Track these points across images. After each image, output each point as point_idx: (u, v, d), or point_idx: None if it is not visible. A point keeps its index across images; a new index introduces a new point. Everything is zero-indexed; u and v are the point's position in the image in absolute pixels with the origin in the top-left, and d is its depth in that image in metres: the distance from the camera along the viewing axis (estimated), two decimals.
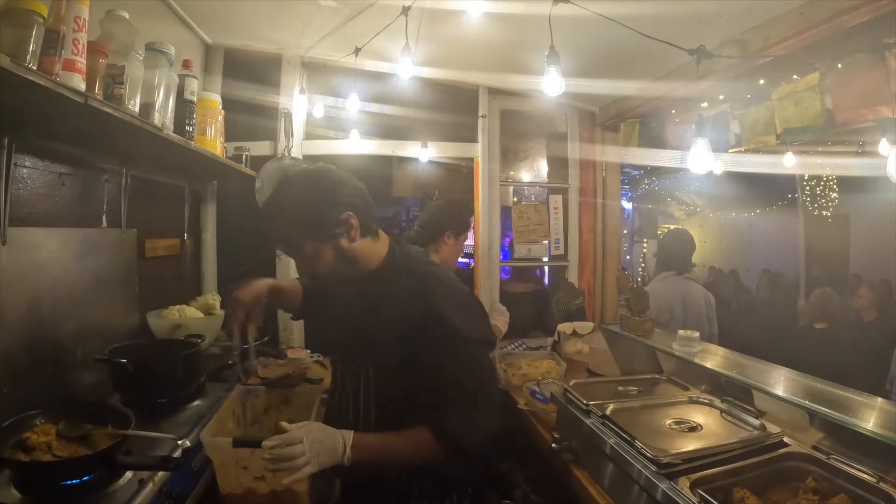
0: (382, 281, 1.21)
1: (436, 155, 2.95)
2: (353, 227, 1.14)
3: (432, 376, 1.11)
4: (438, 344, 1.11)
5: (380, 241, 1.23)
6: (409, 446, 1.10)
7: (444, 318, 1.11)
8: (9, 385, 1.26)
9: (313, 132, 2.85)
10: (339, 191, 1.14)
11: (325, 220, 1.12)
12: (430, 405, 1.11)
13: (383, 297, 1.19)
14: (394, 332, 1.14)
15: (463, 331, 1.12)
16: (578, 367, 2.35)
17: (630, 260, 8.05)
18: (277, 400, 1.58)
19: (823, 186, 6.04)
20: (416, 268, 1.23)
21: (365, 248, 1.19)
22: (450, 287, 1.20)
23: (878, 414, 1.11)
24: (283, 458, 0.97)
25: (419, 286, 1.16)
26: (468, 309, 1.19)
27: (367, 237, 1.18)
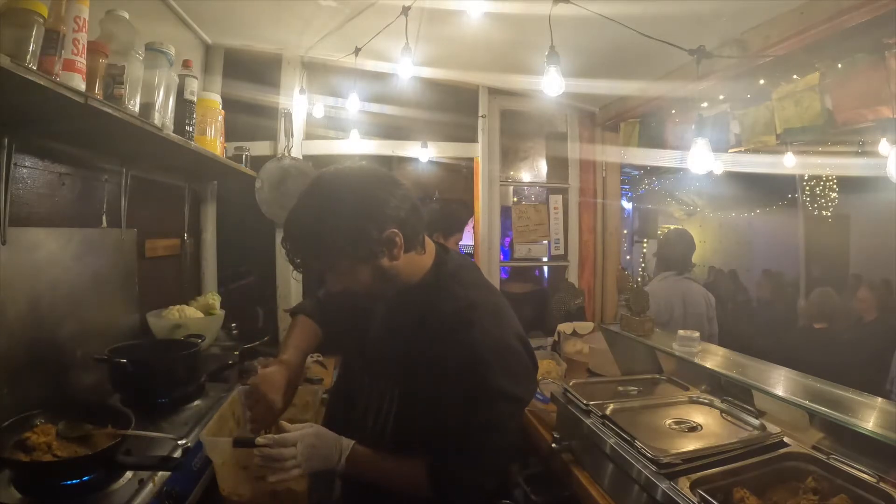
0: (422, 300, 1.09)
1: (436, 155, 2.95)
2: (396, 245, 0.99)
3: (449, 420, 1.02)
4: (463, 391, 1.00)
5: (426, 253, 1.10)
6: (400, 475, 1.06)
7: (475, 363, 0.98)
8: (9, 385, 1.25)
9: (313, 132, 2.85)
10: (385, 203, 0.98)
11: (365, 239, 0.97)
12: (438, 445, 1.03)
13: (421, 317, 1.08)
14: (423, 360, 1.04)
15: (494, 383, 0.99)
16: (578, 367, 2.35)
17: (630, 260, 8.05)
18: None
19: (823, 186, 6.04)
20: (459, 293, 1.08)
21: (408, 263, 1.05)
22: (492, 325, 1.04)
23: (878, 414, 1.11)
24: (273, 459, 0.97)
25: (458, 317, 1.03)
26: (507, 356, 1.03)
27: (412, 251, 1.04)
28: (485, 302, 1.09)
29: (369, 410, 1.15)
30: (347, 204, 0.97)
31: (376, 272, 1.01)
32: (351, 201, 0.98)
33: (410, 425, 1.07)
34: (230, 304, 2.32)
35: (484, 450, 1.03)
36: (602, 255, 3.18)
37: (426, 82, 2.80)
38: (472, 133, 2.98)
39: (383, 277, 1.02)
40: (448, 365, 1.00)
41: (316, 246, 1.00)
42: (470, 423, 1.00)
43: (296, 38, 2.52)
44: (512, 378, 1.02)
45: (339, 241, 0.97)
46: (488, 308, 1.08)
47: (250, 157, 2.54)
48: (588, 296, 3.12)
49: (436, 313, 1.06)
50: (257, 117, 2.70)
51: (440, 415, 1.02)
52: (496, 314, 1.08)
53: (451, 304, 1.05)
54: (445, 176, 3.50)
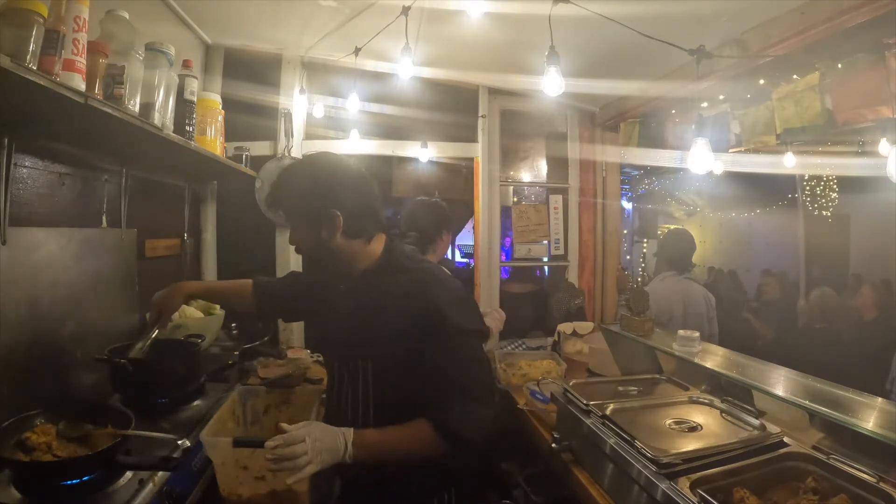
0: (375, 280, 1.23)
1: (436, 155, 2.96)
2: (336, 226, 1.16)
3: (431, 370, 1.12)
4: (435, 338, 1.12)
5: (373, 244, 1.24)
6: (410, 440, 1.10)
7: (438, 311, 1.13)
8: (9, 385, 1.26)
9: (313, 132, 2.85)
10: (336, 188, 1.17)
11: (312, 210, 1.17)
12: (430, 399, 1.11)
13: (377, 295, 1.21)
14: (390, 329, 1.16)
15: (458, 323, 1.14)
16: (578, 367, 2.35)
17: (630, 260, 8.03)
18: (277, 400, 1.59)
19: (823, 186, 6.03)
20: (407, 265, 1.25)
21: (352, 248, 1.21)
22: (442, 282, 1.22)
23: (878, 414, 1.11)
24: (286, 458, 0.98)
25: (413, 283, 1.18)
26: (461, 302, 1.21)
27: (356, 239, 1.20)
28: (431, 268, 1.28)
29: (344, 392, 1.23)
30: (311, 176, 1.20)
31: (319, 243, 1.19)
32: (313, 176, 1.20)
33: (391, 393, 1.17)
34: None
35: (473, 382, 1.15)
36: (602, 255, 3.18)
37: (426, 82, 2.80)
38: (472, 133, 2.98)
39: (323, 249, 1.19)
40: (414, 324, 1.13)
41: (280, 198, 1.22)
42: (453, 364, 1.13)
43: (296, 38, 2.52)
44: (472, 317, 1.21)
45: (294, 201, 1.20)
46: (435, 272, 1.26)
47: (250, 157, 2.54)
48: (588, 296, 3.12)
49: (392, 286, 1.20)
50: (257, 117, 2.70)
51: (423, 369, 1.12)
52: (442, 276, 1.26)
53: (403, 275, 1.21)
54: (445, 176, 3.50)
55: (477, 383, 1.16)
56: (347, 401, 1.22)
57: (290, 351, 2.41)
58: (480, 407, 1.14)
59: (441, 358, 1.13)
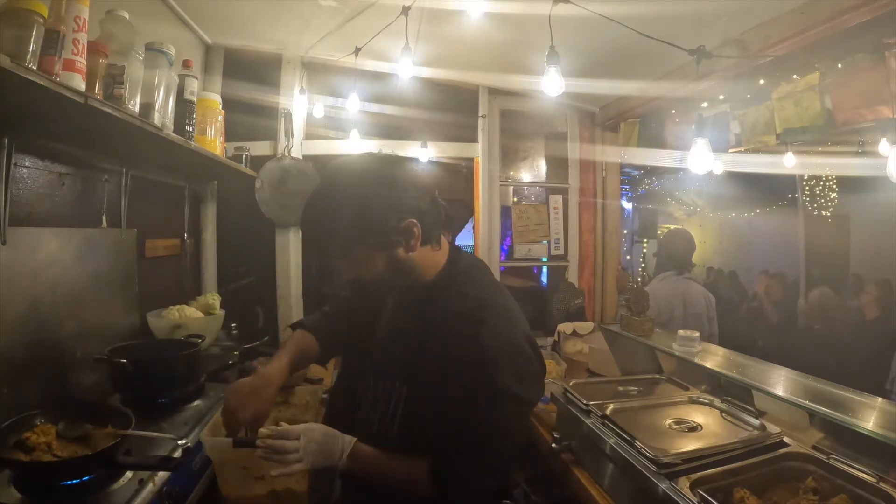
0: (434, 299, 1.09)
1: (436, 155, 2.95)
2: (414, 236, 1.00)
3: (454, 419, 1.01)
4: (470, 390, 0.99)
5: (440, 250, 1.11)
6: (402, 474, 1.06)
7: (483, 363, 0.97)
8: (9, 385, 1.26)
9: (313, 132, 2.85)
10: (405, 192, 1.00)
11: (384, 226, 0.97)
12: (441, 444, 1.03)
13: (430, 317, 1.08)
14: (431, 359, 1.04)
15: (501, 382, 0.98)
16: (578, 367, 2.35)
17: (630, 260, 8.03)
18: (277, 400, 1.58)
19: (823, 186, 6.03)
20: (470, 293, 1.07)
21: (423, 257, 1.06)
22: (502, 326, 1.03)
23: (878, 414, 1.11)
24: (276, 451, 0.98)
25: (469, 317, 1.02)
26: (515, 357, 1.02)
27: (427, 245, 1.05)
28: (495, 303, 1.08)
29: (375, 409, 1.15)
30: (369, 189, 0.97)
31: (391, 262, 1.01)
32: (372, 187, 0.97)
33: (416, 425, 1.07)
34: (230, 304, 2.32)
35: (487, 450, 1.02)
36: (602, 255, 3.18)
37: (426, 82, 2.80)
38: (472, 133, 2.98)
39: (398, 269, 1.02)
40: (456, 364, 1.00)
41: (333, 230, 0.98)
42: (474, 423, 1.00)
43: (296, 38, 2.52)
44: (519, 379, 1.01)
45: (358, 225, 0.96)
46: (498, 309, 1.07)
47: (250, 157, 2.54)
48: (588, 296, 3.12)
49: (446, 312, 1.05)
50: (257, 117, 2.70)
51: (445, 414, 1.01)
52: (506, 315, 1.07)
53: (462, 303, 1.05)
54: (445, 176, 3.49)
55: (491, 455, 1.03)
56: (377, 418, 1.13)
57: None
58: (483, 477, 1.03)
59: (467, 413, 0.99)
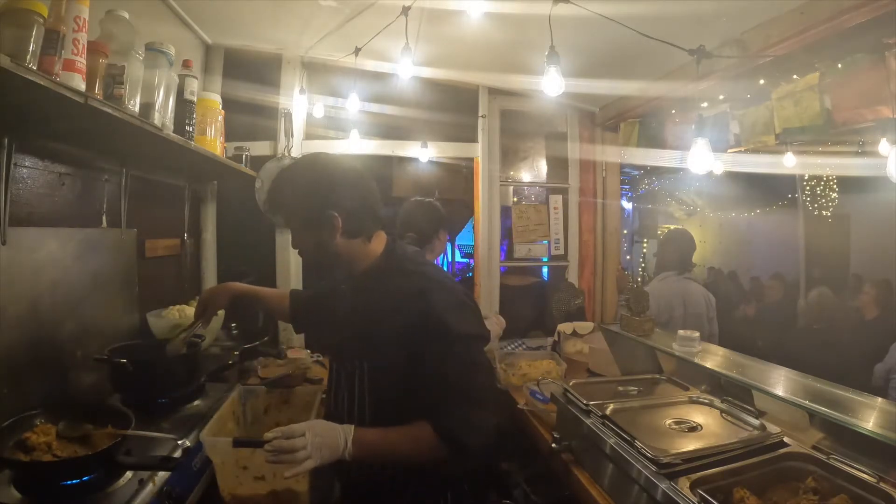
0: (375, 281, 1.22)
1: (436, 155, 2.95)
2: (335, 228, 1.16)
3: (431, 374, 1.12)
4: (436, 342, 1.12)
5: (373, 244, 1.24)
6: (410, 442, 1.10)
7: (439, 315, 1.12)
8: (9, 385, 1.26)
9: (313, 132, 2.85)
10: (332, 190, 1.16)
11: (311, 213, 1.16)
12: (431, 403, 1.11)
13: (377, 296, 1.21)
14: (389, 330, 1.15)
15: (459, 327, 1.13)
16: (578, 367, 2.35)
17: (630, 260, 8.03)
18: (277, 400, 1.59)
19: (823, 186, 6.03)
20: (409, 267, 1.24)
21: (352, 248, 1.21)
22: (443, 284, 1.21)
23: (878, 414, 1.11)
24: (285, 451, 0.98)
25: (413, 285, 1.18)
26: (462, 305, 1.20)
27: (355, 238, 1.20)
28: (433, 272, 1.27)
29: (341, 393, 1.23)
30: (306, 178, 1.19)
31: (318, 245, 1.19)
32: (310, 177, 1.19)
33: (387, 396, 1.16)
34: None
35: (474, 387, 1.14)
36: (602, 255, 3.18)
37: (426, 82, 2.80)
38: (472, 133, 2.98)
39: (324, 251, 1.19)
40: (414, 328, 1.12)
41: (277, 203, 1.21)
42: (453, 369, 1.12)
43: (296, 38, 2.52)
44: (472, 323, 1.20)
45: (292, 205, 1.20)
46: (437, 275, 1.25)
47: (250, 157, 2.54)
48: (588, 296, 3.12)
49: (392, 288, 1.20)
50: (257, 117, 2.70)
51: (422, 373, 1.12)
52: (444, 278, 1.26)
53: (405, 278, 1.20)
54: (445, 176, 3.50)
55: (478, 388, 1.15)
56: (344, 401, 1.22)
57: (290, 351, 2.42)
58: (482, 412, 1.13)
59: (442, 363, 1.12)
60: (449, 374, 1.12)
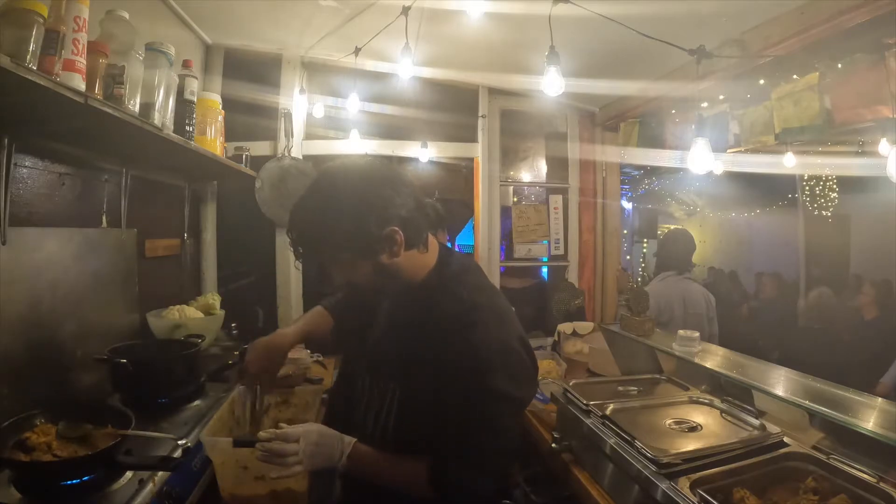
0: (425, 300, 1.10)
1: (436, 155, 2.95)
2: (396, 244, 1.01)
3: (450, 420, 1.02)
4: (464, 390, 1.00)
5: (429, 252, 1.11)
6: (402, 476, 1.06)
7: (477, 363, 0.99)
8: (9, 385, 1.26)
9: (313, 132, 2.85)
10: (387, 201, 1.00)
11: (365, 235, 0.98)
12: (438, 446, 1.03)
13: (423, 318, 1.09)
14: (425, 359, 1.05)
15: (495, 384, 0.99)
16: (578, 367, 2.35)
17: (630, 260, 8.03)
18: (277, 400, 1.58)
19: (823, 186, 6.03)
20: (462, 294, 1.08)
21: (410, 260, 1.06)
22: (494, 326, 1.05)
23: (878, 414, 1.11)
24: (275, 454, 0.97)
25: (461, 318, 1.03)
26: (508, 357, 1.04)
27: (413, 249, 1.05)
28: (487, 304, 1.09)
29: (370, 411, 1.15)
30: (350, 199, 0.99)
31: (376, 268, 1.03)
32: (354, 197, 0.99)
33: (411, 426, 1.08)
34: (230, 304, 2.32)
35: (484, 451, 1.02)
36: (602, 255, 3.18)
37: (426, 82, 2.80)
38: (472, 133, 2.98)
39: (383, 273, 1.04)
40: (449, 366, 1.01)
41: (317, 238, 1.02)
42: (470, 424, 1.01)
43: (296, 38, 2.52)
44: (513, 380, 1.02)
45: (340, 235, 0.99)
46: (491, 310, 1.08)
47: (250, 157, 2.54)
48: (588, 296, 3.12)
49: (438, 314, 1.06)
50: (257, 117, 2.70)
51: (441, 415, 1.02)
52: (499, 316, 1.08)
53: (454, 305, 1.06)
54: (445, 176, 3.49)
55: (488, 454, 1.03)
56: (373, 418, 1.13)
57: (291, 351, 2.41)
58: (480, 477, 1.03)
59: (462, 413, 1.01)
60: (465, 428, 1.01)
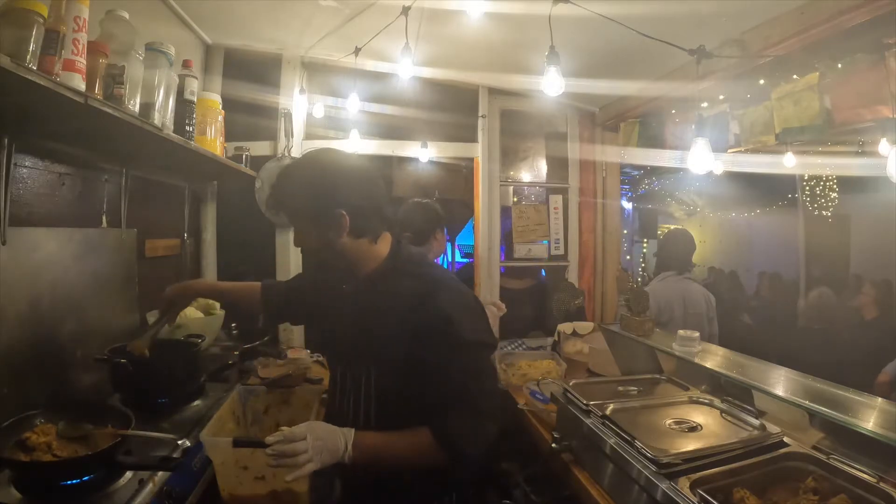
0: (382, 283, 1.20)
1: (436, 155, 2.95)
2: (342, 227, 1.14)
3: (435, 380, 1.11)
4: (441, 347, 1.10)
5: (379, 245, 1.22)
6: (409, 447, 1.10)
7: (445, 320, 1.10)
8: (9, 385, 1.26)
9: (313, 132, 2.85)
10: (342, 187, 1.14)
11: (317, 210, 1.14)
12: (432, 409, 1.10)
13: (383, 299, 1.19)
14: (395, 334, 1.13)
15: (465, 334, 1.12)
16: (578, 367, 2.35)
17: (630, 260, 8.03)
18: (277, 400, 1.59)
19: (823, 186, 6.03)
20: (416, 270, 1.21)
21: (358, 248, 1.19)
22: (451, 289, 1.19)
23: (878, 414, 1.11)
24: (286, 455, 0.98)
25: (420, 288, 1.15)
26: (470, 311, 1.18)
27: (361, 238, 1.18)
28: (441, 275, 1.25)
29: (348, 395, 1.21)
30: (314, 174, 1.16)
31: (324, 243, 1.17)
32: (314, 174, 1.16)
33: (392, 400, 1.15)
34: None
35: (477, 395, 1.12)
36: (602, 255, 3.18)
37: (426, 82, 2.80)
38: (472, 133, 2.98)
39: (329, 251, 1.18)
40: (420, 332, 1.11)
41: (283, 200, 1.19)
42: (457, 376, 1.11)
43: (296, 38, 2.52)
44: (480, 330, 1.19)
45: (298, 200, 1.16)
46: (445, 279, 1.23)
47: (250, 157, 2.54)
48: (588, 296, 3.12)
49: (401, 290, 1.17)
50: (257, 117, 2.70)
51: (426, 378, 1.11)
52: (452, 282, 1.24)
53: (413, 280, 1.19)
54: (445, 176, 3.50)
55: (481, 396, 1.13)
56: (349, 404, 1.21)
57: (290, 351, 2.41)
58: (484, 420, 1.12)
59: (446, 368, 1.10)
60: (452, 381, 1.11)
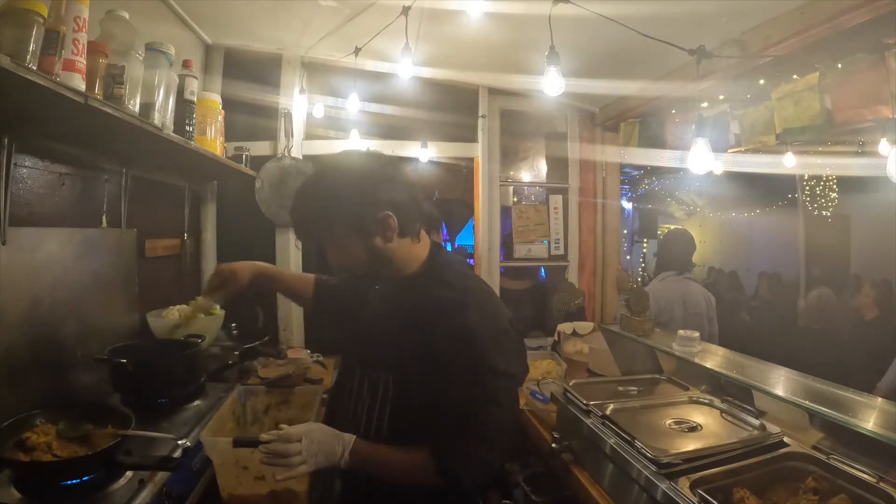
0: (417, 289, 1.14)
1: (436, 155, 2.95)
2: (390, 228, 1.07)
3: (448, 402, 1.05)
4: (460, 369, 1.04)
5: (420, 244, 1.16)
6: (406, 466, 1.06)
7: (469, 341, 1.04)
8: (9, 385, 1.26)
9: (313, 132, 2.85)
10: (382, 186, 1.07)
11: (362, 216, 1.06)
12: (439, 431, 1.05)
13: (415, 306, 1.13)
14: (419, 346, 1.08)
15: (488, 359, 1.04)
16: (578, 367, 2.35)
17: (630, 260, 8.03)
18: (277, 400, 1.59)
19: (823, 186, 6.03)
20: (453, 281, 1.13)
21: (402, 249, 1.12)
22: (483, 307, 1.11)
23: (878, 414, 1.11)
24: (279, 455, 0.98)
25: (454, 302, 1.08)
26: (498, 334, 1.10)
27: (405, 238, 1.11)
28: (477, 289, 1.17)
29: (364, 401, 1.16)
30: (349, 182, 1.07)
31: (370, 252, 1.08)
32: (352, 180, 1.07)
33: (408, 412, 1.10)
34: (230, 304, 2.32)
35: (487, 426, 1.05)
36: (602, 255, 3.18)
37: (426, 82, 2.80)
38: (472, 133, 2.98)
39: (377, 258, 1.09)
40: (445, 348, 1.05)
41: (316, 219, 1.09)
42: (471, 401, 1.04)
43: (296, 38, 2.52)
44: (507, 357, 1.09)
45: (338, 215, 1.06)
46: (481, 294, 1.16)
47: (250, 157, 2.54)
48: (588, 296, 3.12)
49: (432, 300, 1.11)
50: (257, 117, 2.70)
51: (440, 397, 1.05)
52: (488, 299, 1.16)
53: (447, 291, 1.11)
54: (445, 176, 3.49)
55: (491, 428, 1.06)
56: (363, 411, 1.15)
57: (290, 351, 2.41)
58: (487, 453, 1.06)
59: (462, 392, 1.04)
60: (464, 405, 1.04)
